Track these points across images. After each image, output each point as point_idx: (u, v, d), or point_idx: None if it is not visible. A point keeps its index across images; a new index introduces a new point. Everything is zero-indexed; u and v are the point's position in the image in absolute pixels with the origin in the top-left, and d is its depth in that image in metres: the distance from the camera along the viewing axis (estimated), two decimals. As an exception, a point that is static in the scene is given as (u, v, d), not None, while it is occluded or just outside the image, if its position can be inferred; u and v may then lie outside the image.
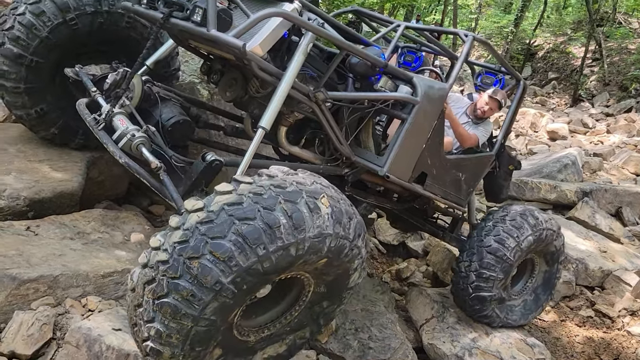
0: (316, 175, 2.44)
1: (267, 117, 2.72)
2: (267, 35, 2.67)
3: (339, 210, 2.28)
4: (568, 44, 22.32)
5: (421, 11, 26.14)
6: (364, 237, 2.46)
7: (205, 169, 2.70)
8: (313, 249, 2.18)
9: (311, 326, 2.67)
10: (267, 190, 2.16)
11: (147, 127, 2.91)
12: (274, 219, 2.07)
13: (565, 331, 5.25)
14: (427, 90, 3.34)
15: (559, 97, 19.96)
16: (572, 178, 8.95)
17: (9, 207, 3.28)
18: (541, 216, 4.42)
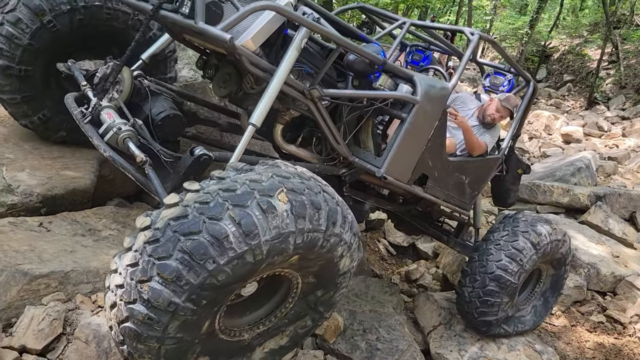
0: (280, 165, 2.31)
1: (257, 114, 2.64)
2: (259, 30, 2.61)
3: (300, 204, 2.10)
4: (584, 46, 22.09)
5: (435, 12, 26.03)
6: (345, 222, 2.32)
7: (193, 164, 2.60)
8: (274, 250, 2.05)
9: (311, 315, 2.62)
10: (214, 197, 2.02)
11: (134, 121, 2.85)
12: (220, 230, 1.93)
13: (576, 336, 5.20)
14: (428, 90, 3.24)
15: (574, 100, 19.76)
16: (585, 182, 8.86)
17: (22, 203, 3.33)
18: (544, 229, 4.23)
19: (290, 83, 2.76)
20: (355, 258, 2.48)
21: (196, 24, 2.40)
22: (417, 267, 6.03)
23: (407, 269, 6.02)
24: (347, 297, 4.44)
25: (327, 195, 2.27)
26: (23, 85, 3.51)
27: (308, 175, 2.31)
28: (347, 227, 2.33)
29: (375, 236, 6.39)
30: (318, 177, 2.39)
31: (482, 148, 4.17)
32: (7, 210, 3.26)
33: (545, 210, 8.03)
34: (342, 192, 3.75)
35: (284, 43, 2.76)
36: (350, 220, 2.37)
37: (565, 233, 4.44)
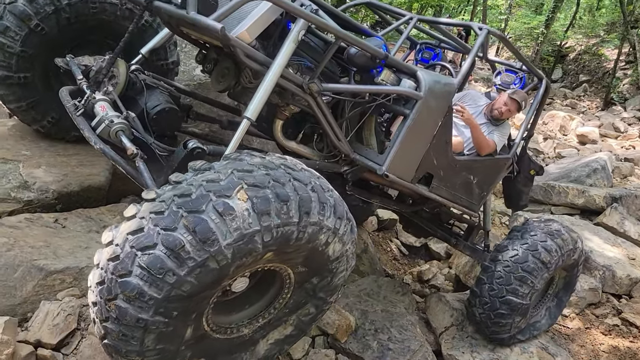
0: (243, 158, 2.16)
1: (252, 107, 2.55)
2: (254, 21, 2.54)
3: (262, 200, 1.96)
4: (600, 46, 21.80)
5: (450, 11, 25.85)
6: (325, 209, 2.17)
7: (186, 157, 2.51)
8: (241, 253, 1.95)
9: (313, 302, 2.55)
10: (168, 205, 1.92)
11: (127, 114, 2.81)
12: (175, 241, 1.84)
13: (590, 339, 5.14)
14: (432, 85, 3.13)
15: (590, 100, 19.53)
16: (601, 183, 8.76)
17: (38, 200, 3.37)
18: (555, 244, 4.06)
19: (288, 77, 2.68)
20: (347, 241, 2.35)
21: (188, 14, 2.36)
22: (429, 268, 6.00)
23: (420, 269, 6.00)
24: (358, 297, 4.43)
25: (297, 184, 2.11)
26: (25, 92, 3.52)
27: (277, 163, 2.16)
28: (328, 213, 2.18)
29: (387, 236, 6.37)
30: (291, 162, 2.26)
31: (490, 147, 4.05)
32: (23, 206, 3.30)
33: (560, 212, 7.95)
34: (345, 191, 3.70)
35: (283, 35, 2.67)
36: (332, 204, 2.21)
37: (576, 240, 4.30)
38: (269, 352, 2.62)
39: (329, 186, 2.29)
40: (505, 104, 4.15)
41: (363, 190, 3.82)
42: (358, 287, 4.59)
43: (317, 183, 2.21)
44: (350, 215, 2.37)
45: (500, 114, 4.16)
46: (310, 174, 2.25)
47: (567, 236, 4.17)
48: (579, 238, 4.34)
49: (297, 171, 2.20)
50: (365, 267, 5.21)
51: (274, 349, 2.63)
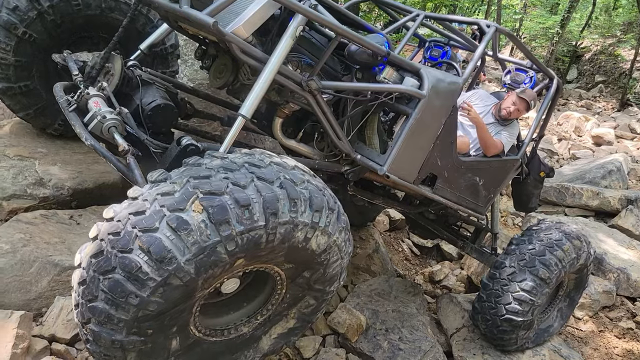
0: (201, 162, 2.05)
1: (247, 105, 2.49)
2: (251, 16, 2.47)
3: (219, 208, 1.85)
4: (617, 46, 21.52)
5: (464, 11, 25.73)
6: (298, 205, 2.04)
7: (179, 154, 2.44)
8: (205, 266, 1.87)
9: (311, 294, 2.48)
10: (124, 224, 1.86)
11: (120, 110, 2.75)
12: (131, 264, 1.79)
13: (604, 342, 5.08)
14: (435, 84, 3.04)
15: (605, 101, 19.29)
16: (616, 185, 8.66)
17: (54, 197, 3.41)
18: (555, 256, 3.88)
19: (286, 74, 2.62)
20: (333, 231, 2.22)
21: (180, 7, 2.30)
22: (441, 268, 5.98)
23: (431, 270, 5.97)
24: (369, 297, 4.43)
25: (261, 184, 1.97)
26: (30, 100, 3.55)
27: (239, 163, 2.05)
28: (302, 209, 2.06)
29: (399, 236, 6.36)
30: (258, 158, 2.12)
31: (497, 147, 3.93)
32: (39, 202, 3.35)
33: (574, 214, 7.88)
34: (346, 192, 3.65)
35: (282, 31, 2.59)
36: (306, 198, 2.09)
37: (580, 247, 4.08)
38: (274, 346, 2.60)
39: (303, 177, 2.15)
40: (513, 104, 4.04)
41: (365, 190, 3.74)
42: (369, 287, 4.59)
43: (288, 177, 2.07)
44: (333, 204, 2.25)
45: (508, 114, 4.06)
46: (279, 168, 2.11)
47: (568, 245, 3.98)
48: (584, 241, 4.15)
49: (263, 168, 2.06)
50: (377, 267, 5.20)
51: (279, 343, 2.60)
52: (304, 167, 2.29)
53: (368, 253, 5.23)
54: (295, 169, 2.19)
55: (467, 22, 4.36)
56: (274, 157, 2.21)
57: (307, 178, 2.18)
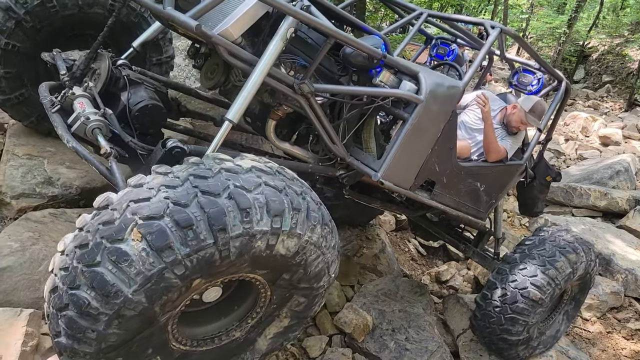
0: (140, 183, 1.91)
1: (234, 109, 2.40)
2: (240, 17, 2.38)
3: (159, 234, 1.74)
4: (624, 46, 21.40)
5: (470, 11, 25.67)
6: (251, 214, 1.88)
7: (164, 157, 2.36)
8: (156, 293, 1.79)
9: (298, 292, 2.39)
10: (71, 259, 1.80)
11: (105, 111, 2.66)
12: (79, 301, 1.73)
13: (612, 343, 5.06)
14: (434, 88, 2.94)
15: (613, 101, 19.18)
16: (624, 185, 8.62)
17: (62, 195, 3.43)
18: (547, 276, 3.74)
19: (277, 76, 2.52)
20: (303, 231, 2.07)
21: (164, 9, 2.23)
22: (447, 269, 5.96)
23: (438, 270, 5.96)
24: (376, 297, 4.42)
25: (205, 199, 1.83)
26: (29, 108, 3.52)
27: (183, 177, 1.89)
28: (257, 217, 1.90)
29: (405, 236, 6.34)
30: (203, 169, 1.95)
31: (500, 153, 3.81)
32: (47, 201, 3.37)
33: (582, 214, 7.85)
34: (342, 196, 3.59)
35: (274, 31, 2.49)
36: (261, 204, 1.92)
37: (577, 260, 3.88)
38: (272, 345, 2.55)
39: (259, 180, 1.98)
40: (522, 123, 3.90)
41: (363, 193, 3.64)
42: (376, 287, 4.58)
43: (239, 184, 1.91)
44: (299, 202, 2.08)
45: (517, 129, 3.95)
46: (229, 175, 1.94)
47: (562, 262, 3.81)
48: (582, 252, 3.96)
49: (210, 178, 1.90)
50: (383, 267, 5.19)
51: (277, 342, 2.55)
52: (265, 166, 2.12)
53: (374, 253, 5.22)
54: (251, 171, 2.01)
55: (471, 23, 4.26)
56: (226, 162, 2.02)
57: (264, 180, 2.00)
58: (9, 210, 3.33)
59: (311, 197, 2.18)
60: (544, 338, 4.26)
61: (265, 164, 2.13)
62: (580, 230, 6.72)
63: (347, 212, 4.86)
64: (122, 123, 2.77)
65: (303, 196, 2.12)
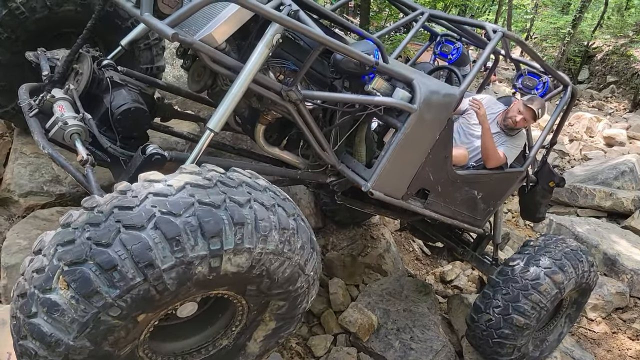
0: (68, 222, 1.77)
1: (216, 118, 2.31)
2: (224, 22, 2.31)
3: (82, 281, 1.63)
4: (629, 47, 21.32)
5: (474, 11, 25.62)
6: (182, 244, 1.71)
7: (143, 164, 2.28)
8: (100, 335, 1.72)
9: (275, 298, 2.26)
10: (16, 308, 1.75)
11: (83, 115, 2.53)
12: (27, 350, 1.70)
13: (617, 344, 5.05)
14: (428, 97, 2.82)
15: (617, 102, 19.12)
16: (629, 186, 8.60)
17: (70, 193, 3.45)
18: (530, 301, 3.61)
19: (263, 82, 2.42)
20: (252, 245, 1.87)
21: (141, 15, 2.15)
22: (452, 268, 5.96)
23: (442, 270, 5.96)
24: (381, 296, 4.43)
25: (127, 235, 1.67)
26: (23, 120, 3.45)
27: (106, 212, 1.74)
28: (191, 243, 1.72)
29: (409, 236, 6.34)
30: (126, 201, 1.77)
31: (498, 159, 3.66)
32: (55, 199, 3.39)
33: (586, 214, 7.84)
34: (334, 201, 3.52)
35: (261, 35, 2.39)
36: (194, 227, 1.73)
37: (563, 279, 3.70)
38: (265, 347, 2.48)
39: (191, 200, 1.77)
40: (519, 112, 3.74)
41: (356, 199, 3.53)
42: (380, 286, 4.59)
43: (166, 210, 1.72)
44: (242, 216, 1.84)
45: (514, 123, 3.77)
46: (155, 201, 1.75)
47: (546, 284, 3.63)
48: (570, 267, 3.76)
49: (135, 208, 1.73)
50: (388, 267, 5.20)
51: (268, 343, 2.48)
52: (203, 179, 1.89)
53: (379, 252, 5.23)
54: (183, 189, 1.80)
55: (473, 25, 4.14)
56: (156, 184, 1.83)
57: (197, 198, 1.79)
58: (17, 208, 3.35)
59: (262, 201, 1.95)
60: (548, 344, 4.21)
61: (205, 176, 1.90)
62: (585, 230, 6.71)
63: (348, 212, 4.86)
64: (104, 126, 2.69)
65: (249, 205, 1.89)
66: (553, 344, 4.27)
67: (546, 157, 4.35)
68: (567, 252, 3.84)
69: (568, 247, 3.90)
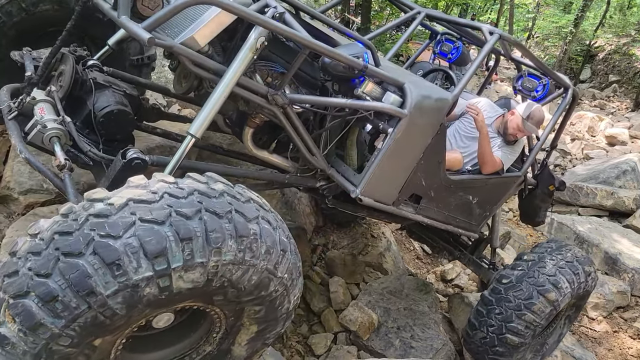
0: (15, 252, 1.71)
1: (197, 123, 2.25)
2: (205, 25, 2.26)
3: (26, 313, 1.59)
4: (631, 46, 21.30)
5: (476, 10, 25.57)
6: (122, 268, 1.62)
7: (123, 168, 2.22)
8: None
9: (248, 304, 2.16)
10: None
11: (63, 118, 2.46)
12: None
13: (618, 343, 5.04)
14: (420, 101, 2.72)
15: (619, 101, 19.09)
16: (631, 185, 8.59)
17: (69, 192, 3.45)
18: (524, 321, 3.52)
19: (248, 86, 2.37)
20: (205, 260, 1.75)
21: (118, 17, 2.10)
22: (452, 267, 5.95)
23: (443, 269, 5.95)
24: (381, 295, 4.42)
25: (65, 264, 1.60)
26: None
27: (47, 238, 1.67)
28: (132, 266, 1.62)
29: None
30: (71, 220, 1.69)
31: (495, 166, 3.59)
32: (55, 197, 3.39)
33: (588, 213, 7.83)
34: (325, 206, 3.47)
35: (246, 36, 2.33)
36: (135, 250, 1.63)
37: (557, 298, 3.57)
38: (251, 349, 2.42)
39: (130, 220, 1.66)
40: (520, 130, 3.66)
41: (347, 202, 3.41)
42: (381, 285, 4.58)
43: (104, 233, 1.63)
44: (188, 231, 1.71)
45: (514, 137, 3.72)
46: (94, 224, 1.65)
47: (540, 303, 3.52)
48: (565, 281, 3.63)
49: (74, 234, 1.65)
50: (389, 265, 5.19)
51: (255, 345, 2.41)
52: (148, 193, 1.77)
53: (380, 251, 5.22)
54: (126, 206, 1.69)
55: (469, 26, 4.06)
56: (97, 204, 1.73)
57: (139, 216, 1.67)
58: (16, 206, 3.35)
59: (215, 209, 1.80)
60: (548, 347, 4.17)
61: (151, 189, 1.78)
62: (587, 229, 6.70)
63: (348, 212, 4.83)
64: (87, 129, 2.63)
65: (199, 216, 1.75)
66: (553, 345, 4.25)
67: (546, 161, 4.28)
68: (562, 266, 3.68)
69: (563, 259, 3.74)
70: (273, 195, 4.62)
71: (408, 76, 3.11)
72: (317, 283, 4.49)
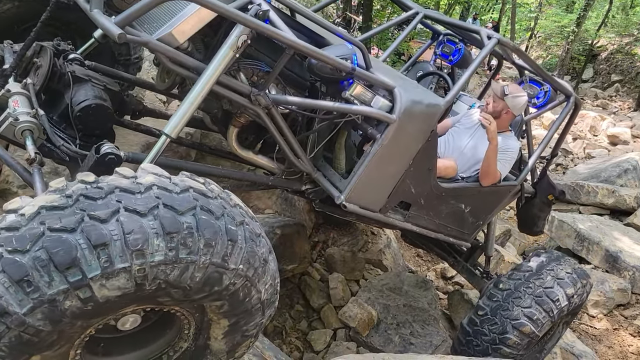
0: None
1: (172, 123, 2.19)
2: (185, 20, 2.18)
3: None
4: (634, 45, 21.24)
5: (478, 10, 25.58)
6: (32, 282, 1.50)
7: (97, 163, 2.14)
8: None
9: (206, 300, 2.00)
10: None
11: (37, 111, 2.40)
12: None
13: (618, 340, 5.03)
14: (409, 107, 2.62)
15: (622, 101, 19.05)
16: (632, 184, 8.58)
17: (69, 186, 3.44)
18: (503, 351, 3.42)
19: (230, 85, 2.30)
20: (126, 265, 1.59)
21: (90, 10, 2.00)
22: (453, 265, 5.95)
23: (443, 266, 5.95)
24: (381, 291, 4.43)
25: None
26: None
27: None
28: (44, 281, 1.51)
29: (411, 232, 6.34)
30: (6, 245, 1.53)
31: (495, 178, 3.45)
32: (54, 192, 3.39)
33: (589, 212, 7.82)
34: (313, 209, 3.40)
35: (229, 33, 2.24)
36: (42, 264, 1.50)
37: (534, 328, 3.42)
38: (231, 342, 2.32)
39: (37, 232, 1.52)
40: (487, 103, 3.50)
41: (335, 206, 3.24)
42: (380, 282, 4.59)
43: (11, 248, 1.52)
44: (102, 235, 1.55)
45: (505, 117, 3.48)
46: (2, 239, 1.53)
47: (515, 337, 3.40)
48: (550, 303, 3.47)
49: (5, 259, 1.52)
50: (388, 262, 5.19)
51: (234, 338, 2.32)
52: (60, 198, 1.61)
53: (380, 248, 5.22)
54: (36, 216, 1.56)
55: (467, 29, 3.97)
56: (8, 215, 1.60)
57: (47, 226, 1.53)
58: (16, 201, 3.35)
59: (135, 207, 1.62)
60: (547, 350, 4.09)
61: (65, 193, 1.62)
62: (588, 227, 6.69)
63: None
64: (64, 123, 2.57)
65: (115, 218, 1.58)
66: (552, 347, 4.22)
67: (546, 169, 4.18)
68: (539, 294, 3.47)
69: (541, 285, 3.51)
70: (273, 191, 4.63)
71: (399, 80, 3.00)
72: (317, 279, 4.49)
